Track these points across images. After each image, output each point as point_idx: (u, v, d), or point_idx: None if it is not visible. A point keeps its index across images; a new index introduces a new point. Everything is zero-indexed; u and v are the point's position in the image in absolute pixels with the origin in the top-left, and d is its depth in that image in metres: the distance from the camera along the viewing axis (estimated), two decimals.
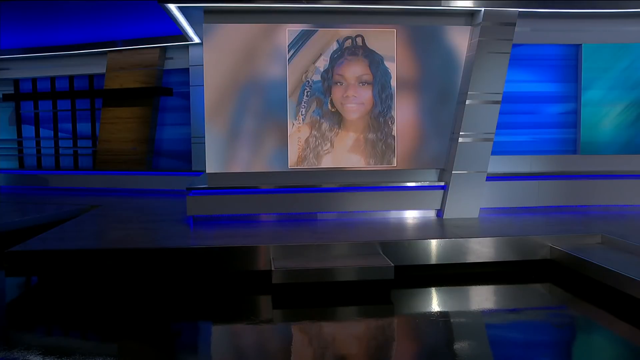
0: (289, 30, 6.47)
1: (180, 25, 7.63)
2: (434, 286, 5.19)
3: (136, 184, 10.04)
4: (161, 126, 10.53)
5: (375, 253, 5.24)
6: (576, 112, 7.58)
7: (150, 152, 10.37)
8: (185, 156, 10.38)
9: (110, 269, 5.05)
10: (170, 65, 10.23)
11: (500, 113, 6.71)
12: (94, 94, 10.76)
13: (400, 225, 6.27)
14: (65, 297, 4.89)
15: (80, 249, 5.07)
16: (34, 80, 11.39)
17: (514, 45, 6.86)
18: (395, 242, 5.32)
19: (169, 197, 9.19)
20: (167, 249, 5.09)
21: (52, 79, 11.25)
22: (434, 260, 5.38)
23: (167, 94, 10.15)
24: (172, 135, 10.53)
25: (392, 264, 4.89)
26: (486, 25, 6.40)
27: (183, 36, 9.11)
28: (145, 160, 10.23)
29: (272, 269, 4.81)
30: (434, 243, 5.36)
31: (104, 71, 10.52)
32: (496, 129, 6.70)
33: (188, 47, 9.76)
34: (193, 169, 9.94)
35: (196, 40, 9.07)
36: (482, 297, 5.11)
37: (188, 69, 9.89)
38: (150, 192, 9.87)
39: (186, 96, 10.16)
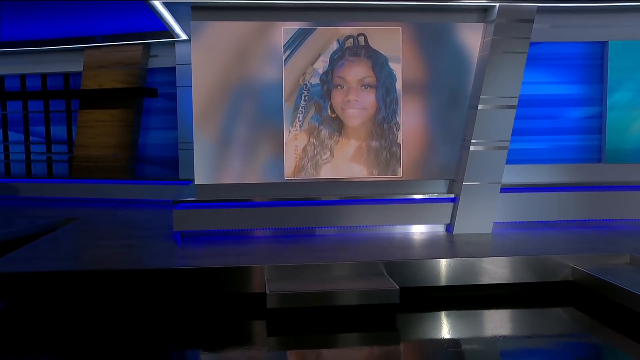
0: (285, 29, 6.59)
1: (165, 21, 7.75)
2: (443, 310, 5.27)
3: (117, 194, 10.13)
4: (145, 130, 10.63)
5: (379, 274, 5.33)
6: (601, 117, 7.67)
7: (133, 159, 10.46)
8: (171, 163, 10.48)
9: (89, 293, 5.13)
10: (154, 63, 10.33)
11: (516, 118, 6.80)
12: (69, 94, 10.85)
13: (406, 242, 6.37)
14: (37, 326, 4.92)
15: (55, 271, 5.11)
16: (1, 79, 11.45)
17: (532, 44, 6.92)
18: (400, 262, 5.41)
19: (153, 208, 9.27)
20: (151, 270, 5.18)
21: (22, 77, 11.31)
22: (443, 281, 5.47)
23: (152, 95, 10.25)
24: (157, 141, 10.63)
25: (398, 287, 4.98)
26: (501, 22, 6.48)
27: (169, 32, 9.22)
28: (128, 167, 10.32)
29: (267, 292, 4.90)
30: (443, 263, 5.45)
31: (81, 69, 10.61)
32: (511, 135, 6.79)
33: (174, 44, 9.88)
34: (180, 177, 10.04)
35: (183, 37, 9.21)
36: (497, 323, 5.20)
37: (174, 67, 10.00)
38: (133, 202, 9.96)
39: (172, 97, 10.26)
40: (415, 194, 6.86)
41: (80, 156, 10.58)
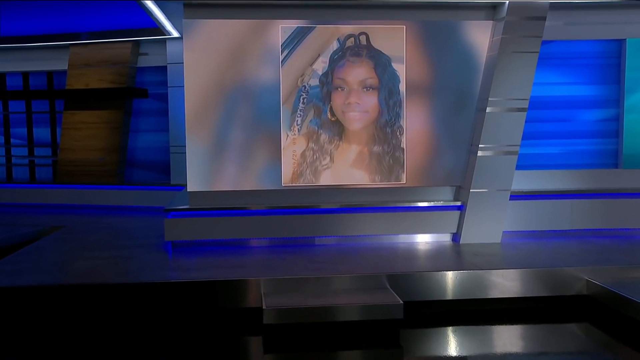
0: (282, 27, 6.65)
1: (156, 19, 7.82)
2: (449, 326, 5.32)
3: (105, 200, 10.20)
4: (134, 133, 10.71)
5: (382, 287, 5.39)
6: (618, 119, 7.72)
7: (122, 163, 10.53)
8: (162, 168, 10.54)
9: (74, 309, 5.15)
10: (144, 62, 10.43)
11: (527, 121, 6.85)
12: (53, 94, 10.92)
13: (410, 253, 6.42)
14: (17, 346, 4.92)
15: (37, 286, 5.13)
16: None
17: (543, 42, 6.99)
18: (404, 275, 5.46)
19: (143, 215, 9.33)
20: (141, 284, 5.22)
21: (2, 76, 11.38)
22: (449, 295, 5.52)
23: (142, 95, 10.32)
24: (147, 144, 10.71)
25: (401, 301, 5.03)
26: (511, 20, 6.53)
27: (159, 29, 9.29)
28: (116, 172, 10.39)
29: (264, 307, 4.95)
30: (449, 275, 5.50)
31: (66, 68, 10.69)
32: (522, 139, 6.81)
33: (165, 42, 9.96)
34: (172, 182, 10.12)
35: (175, 34, 9.28)
36: (506, 339, 5.24)
37: (166, 66, 10.09)
38: (121, 209, 10.02)
39: (164, 98, 10.34)
40: (420, 201, 6.92)
41: (65, 160, 10.65)
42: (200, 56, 6.55)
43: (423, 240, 7.02)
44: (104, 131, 10.43)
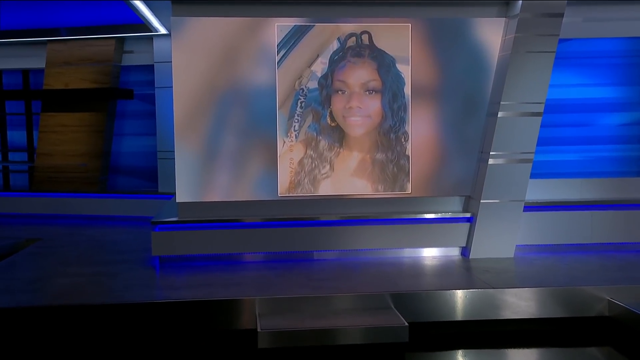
0: (279, 26, 6.71)
1: (142, 16, 7.88)
2: (459, 349, 5.39)
3: (87, 210, 10.23)
4: (119, 137, 10.77)
5: (386, 307, 5.44)
6: None
7: (105, 169, 10.59)
8: (149, 174, 10.61)
9: (53, 333, 5.15)
10: (129, 60, 10.49)
11: (542, 126, 6.86)
12: (30, 94, 10.98)
13: (416, 269, 6.49)
14: None
15: (11, 308, 5.11)
16: None
17: (560, 40, 6.97)
18: (409, 294, 5.52)
19: (129, 226, 9.38)
20: (126, 304, 5.26)
21: None
22: (458, 316, 5.56)
23: (126, 96, 10.38)
24: (132, 148, 10.78)
25: (406, 323, 5.08)
26: (525, 17, 6.55)
27: (146, 25, 9.35)
28: (98, 179, 10.45)
29: (258, 329, 5.00)
30: (458, 295, 5.56)
31: (43, 66, 10.73)
32: (537, 146, 6.85)
33: (152, 39, 10.03)
34: (160, 190, 10.20)
35: (162, 31, 9.34)
36: None
37: (153, 65, 10.16)
38: (104, 219, 10.06)
39: (151, 99, 10.41)
40: (427, 212, 6.98)
41: (42, 166, 10.69)
42: (190, 57, 6.61)
43: (430, 254, 7.08)
44: (86, 135, 10.49)
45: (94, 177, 10.44)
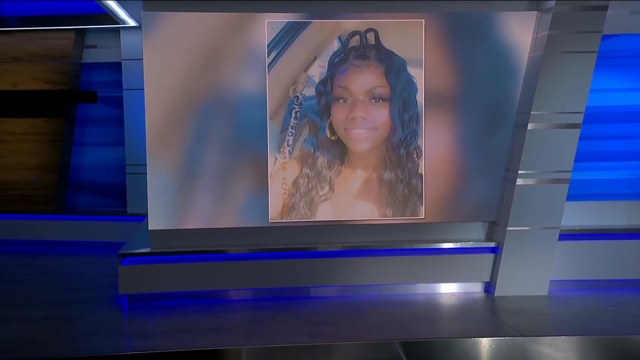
0: (269, 23, 6.75)
1: (107, 8, 7.91)
2: None
3: (40, 234, 10.25)
4: (79, 147, 10.79)
5: (396, 358, 5.46)
6: None
7: (62, 186, 10.61)
8: (116, 192, 10.62)
9: None
10: (92, 57, 10.53)
11: (581, 139, 6.87)
12: None
13: (431, 310, 6.50)
14: None
15: None
16: None
17: (603, 37, 6.93)
18: (424, 343, 5.53)
19: (91, 254, 9.39)
20: (88, 358, 5.23)
21: None
22: None
23: (88, 99, 10.39)
24: (96, 161, 10.79)
25: None
26: (561, 12, 6.53)
27: (110, 16, 9.37)
28: (54, 197, 10.46)
29: None
30: (482, 344, 5.55)
31: None
32: (574, 162, 6.86)
33: (119, 32, 10.05)
34: (129, 211, 10.19)
35: (131, 22, 9.35)
36: None
37: (120, 63, 10.18)
38: (62, 245, 10.08)
39: (117, 103, 10.41)
40: (443, 241, 7.02)
41: None
42: (164, 60, 6.63)
43: (447, 291, 7.11)
44: (39, 145, 10.50)
45: (48, 195, 10.45)
